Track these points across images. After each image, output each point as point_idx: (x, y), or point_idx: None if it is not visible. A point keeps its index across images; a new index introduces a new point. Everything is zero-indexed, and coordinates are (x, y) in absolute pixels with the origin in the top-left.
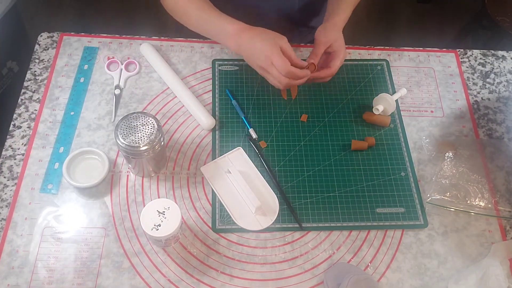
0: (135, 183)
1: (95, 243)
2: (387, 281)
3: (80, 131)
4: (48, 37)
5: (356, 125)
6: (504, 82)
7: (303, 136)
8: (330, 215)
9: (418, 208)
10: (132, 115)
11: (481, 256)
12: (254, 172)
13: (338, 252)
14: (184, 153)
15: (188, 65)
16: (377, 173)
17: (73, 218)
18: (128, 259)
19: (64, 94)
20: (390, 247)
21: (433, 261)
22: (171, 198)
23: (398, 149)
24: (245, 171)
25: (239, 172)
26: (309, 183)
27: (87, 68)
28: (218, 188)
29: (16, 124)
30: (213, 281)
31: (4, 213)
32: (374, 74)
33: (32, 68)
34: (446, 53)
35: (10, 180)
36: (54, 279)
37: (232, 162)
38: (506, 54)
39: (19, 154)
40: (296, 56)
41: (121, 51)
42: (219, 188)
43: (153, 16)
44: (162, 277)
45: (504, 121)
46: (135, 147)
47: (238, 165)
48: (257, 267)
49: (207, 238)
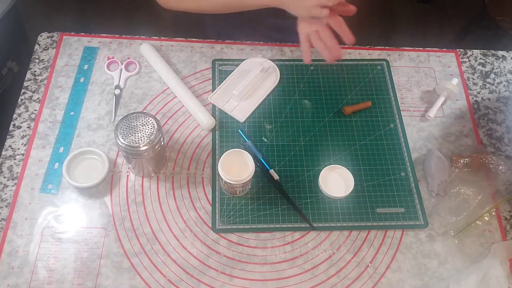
0: (135, 183)
1: (95, 243)
2: (387, 281)
3: (80, 131)
4: (48, 37)
5: (356, 124)
6: (504, 82)
7: (303, 136)
8: (330, 215)
9: (418, 208)
10: (132, 115)
11: (481, 256)
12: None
13: (338, 252)
14: (184, 153)
15: (188, 65)
16: (377, 173)
17: (73, 218)
18: (128, 259)
19: (64, 94)
20: (390, 247)
21: (433, 261)
22: (171, 198)
23: (398, 149)
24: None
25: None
26: (309, 183)
27: (87, 68)
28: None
29: (16, 124)
30: (213, 281)
31: (4, 213)
32: (374, 74)
33: (32, 68)
34: (446, 53)
35: (10, 180)
36: (54, 279)
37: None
38: (506, 54)
39: (19, 154)
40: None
41: (121, 51)
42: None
43: (153, 16)
44: (162, 277)
45: (504, 121)
46: (135, 147)
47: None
48: (257, 267)
49: (207, 238)
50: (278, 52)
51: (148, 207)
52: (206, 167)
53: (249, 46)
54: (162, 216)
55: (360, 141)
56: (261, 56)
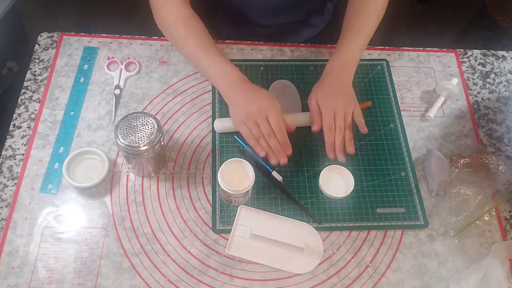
0: (135, 183)
1: (95, 243)
2: (387, 281)
3: (80, 131)
4: (48, 37)
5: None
6: (504, 82)
7: (303, 137)
8: (330, 215)
9: (418, 208)
10: (132, 115)
11: (481, 256)
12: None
13: (338, 252)
14: (184, 153)
15: (188, 65)
16: (377, 173)
17: (73, 218)
18: (128, 259)
19: (64, 94)
20: (390, 247)
21: (433, 261)
22: (171, 198)
23: (398, 149)
24: (263, 227)
25: (260, 234)
26: (309, 183)
27: (87, 68)
28: (256, 257)
29: (16, 124)
30: (213, 281)
31: (4, 213)
32: (374, 74)
33: (32, 68)
34: (446, 53)
35: (10, 180)
36: (54, 279)
37: (246, 224)
38: (506, 54)
39: (19, 154)
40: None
41: (121, 51)
42: (256, 257)
43: (153, 16)
44: (162, 277)
45: (504, 121)
46: (135, 147)
47: (252, 224)
48: (257, 267)
49: (207, 238)
50: (278, 52)
51: (148, 207)
52: (206, 167)
53: (249, 46)
54: (162, 216)
55: (360, 141)
56: (261, 57)
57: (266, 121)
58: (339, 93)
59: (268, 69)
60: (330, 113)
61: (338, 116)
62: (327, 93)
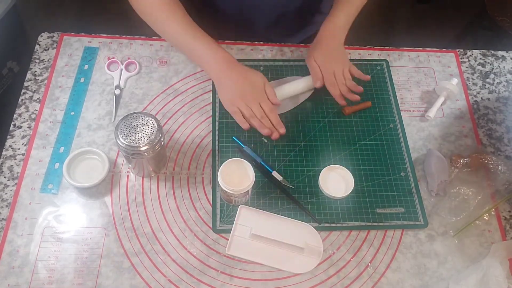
0: (135, 183)
1: (95, 243)
2: (387, 281)
3: (80, 131)
4: (48, 37)
5: (356, 125)
6: (504, 82)
7: (303, 136)
8: (330, 215)
9: (418, 208)
10: (132, 115)
11: (481, 256)
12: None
13: (338, 252)
14: (184, 153)
15: (188, 65)
16: (377, 173)
17: (73, 218)
18: (128, 259)
19: (64, 94)
20: (390, 247)
21: (433, 261)
22: (171, 198)
23: (398, 149)
24: (264, 227)
25: (261, 233)
26: (309, 183)
27: (87, 68)
28: (256, 257)
29: (16, 124)
30: (213, 281)
31: (4, 213)
32: (374, 74)
33: (32, 68)
34: (446, 53)
35: (10, 180)
36: (54, 279)
37: (246, 224)
38: (506, 54)
39: (20, 154)
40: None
41: (121, 51)
42: (256, 257)
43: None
44: (162, 277)
45: (504, 121)
46: (135, 147)
47: (252, 224)
48: (257, 267)
49: (207, 238)
50: (278, 52)
51: (148, 207)
52: (206, 167)
53: (249, 46)
54: (162, 216)
55: (360, 141)
56: (261, 57)
57: (257, 103)
58: (335, 55)
59: (268, 69)
60: (330, 73)
61: (338, 74)
62: (325, 56)
